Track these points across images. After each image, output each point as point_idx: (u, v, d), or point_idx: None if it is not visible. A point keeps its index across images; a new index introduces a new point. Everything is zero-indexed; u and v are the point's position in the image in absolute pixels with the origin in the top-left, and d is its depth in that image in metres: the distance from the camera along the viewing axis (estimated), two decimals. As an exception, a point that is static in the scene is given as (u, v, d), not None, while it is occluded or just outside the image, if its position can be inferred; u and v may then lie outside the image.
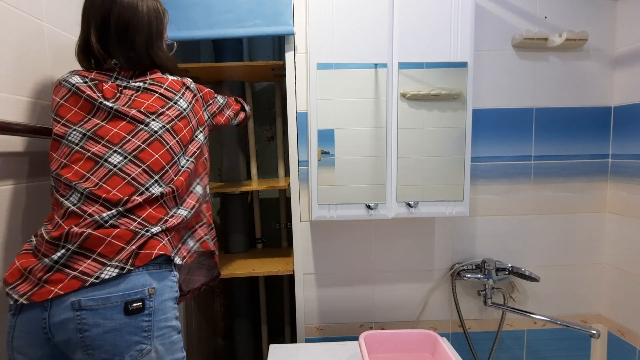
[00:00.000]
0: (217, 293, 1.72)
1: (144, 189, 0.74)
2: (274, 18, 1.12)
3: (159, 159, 0.77)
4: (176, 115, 0.83)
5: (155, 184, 0.76)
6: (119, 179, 0.73)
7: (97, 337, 0.63)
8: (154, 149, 0.77)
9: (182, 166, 0.81)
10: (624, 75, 1.22)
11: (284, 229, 1.58)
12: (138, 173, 0.74)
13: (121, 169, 0.73)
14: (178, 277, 0.77)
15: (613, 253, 1.28)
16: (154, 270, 0.71)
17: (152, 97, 0.81)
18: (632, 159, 1.20)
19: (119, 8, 0.80)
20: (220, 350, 1.74)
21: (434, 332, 1.06)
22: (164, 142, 0.79)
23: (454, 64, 1.09)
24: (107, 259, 0.67)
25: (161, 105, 0.81)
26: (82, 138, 0.75)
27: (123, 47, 0.82)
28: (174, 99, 0.84)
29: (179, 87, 0.86)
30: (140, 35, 0.83)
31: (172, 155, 0.79)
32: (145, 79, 0.84)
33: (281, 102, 1.53)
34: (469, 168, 1.12)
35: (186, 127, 0.84)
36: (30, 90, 0.86)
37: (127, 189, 0.73)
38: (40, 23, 0.90)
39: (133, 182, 0.74)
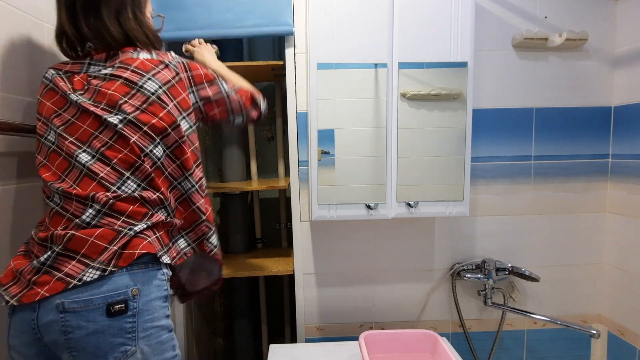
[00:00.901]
0: (217, 293, 1.72)
1: (115, 188, 0.70)
2: (273, 18, 1.12)
3: (128, 154, 0.71)
4: (142, 101, 0.73)
5: (129, 181, 0.71)
6: (89, 180, 0.70)
7: (81, 339, 0.63)
8: (120, 145, 0.71)
9: (158, 158, 0.74)
10: (624, 75, 1.22)
11: (284, 229, 1.58)
12: (107, 172, 0.70)
13: (89, 168, 0.70)
14: (168, 275, 0.74)
15: (613, 253, 1.28)
16: (138, 270, 0.69)
17: (115, 84, 0.73)
18: (632, 159, 1.20)
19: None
20: (220, 350, 1.74)
21: (434, 332, 1.06)
22: (128, 135, 0.71)
23: (454, 64, 1.09)
24: (90, 260, 0.66)
25: (124, 92, 0.73)
26: (55, 136, 0.72)
27: (89, 17, 0.75)
28: (139, 82, 0.74)
29: (150, 67, 0.76)
30: (107, 4, 0.75)
31: (141, 148, 0.72)
32: (114, 62, 0.76)
33: (281, 102, 1.53)
34: (469, 168, 1.12)
35: (159, 113, 0.74)
36: (30, 90, 0.86)
37: (98, 189, 0.69)
38: (40, 23, 0.90)
39: (102, 182, 0.70)
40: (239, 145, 1.48)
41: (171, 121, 0.75)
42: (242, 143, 1.50)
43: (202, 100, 0.83)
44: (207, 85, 0.84)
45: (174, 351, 0.72)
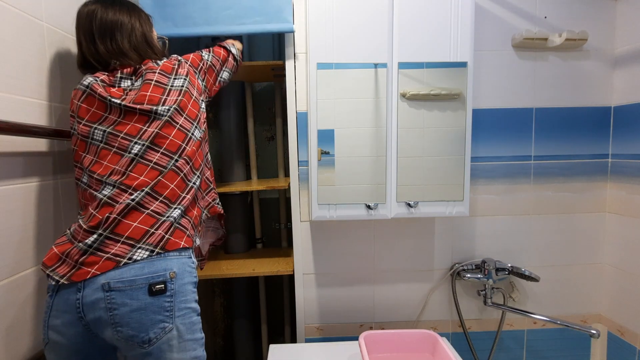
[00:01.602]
0: (217, 293, 1.72)
1: (167, 170, 0.80)
2: (274, 15, 1.12)
3: (174, 140, 0.82)
4: (177, 94, 0.86)
5: (176, 161, 0.82)
6: (142, 166, 0.79)
7: (125, 315, 0.70)
8: (167, 132, 0.82)
9: (197, 138, 0.87)
10: (624, 75, 1.22)
11: (284, 229, 1.57)
12: (159, 157, 0.80)
13: (142, 156, 0.79)
14: (196, 264, 0.83)
15: (613, 253, 1.28)
16: (174, 257, 0.77)
17: (150, 87, 0.84)
18: (632, 159, 1.20)
19: (100, 14, 0.87)
20: (220, 350, 1.74)
21: (434, 332, 1.06)
22: (174, 122, 0.83)
23: (454, 64, 1.09)
24: (135, 241, 0.74)
25: (161, 92, 0.84)
26: (103, 135, 0.81)
27: (107, 42, 0.87)
28: (169, 82, 0.87)
29: (170, 67, 0.89)
30: (122, 36, 0.88)
31: (185, 132, 0.84)
32: (141, 72, 0.87)
33: (281, 102, 1.53)
34: (469, 168, 1.12)
35: (190, 102, 0.88)
36: (29, 90, 0.86)
37: (152, 173, 0.79)
38: (40, 23, 0.90)
39: (156, 166, 0.80)
40: (239, 146, 1.48)
41: (199, 107, 0.91)
42: (242, 143, 1.50)
43: (202, 77, 0.98)
44: (201, 64, 0.98)
45: (201, 333, 0.80)
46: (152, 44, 0.94)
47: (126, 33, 0.89)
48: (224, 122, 1.47)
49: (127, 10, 0.91)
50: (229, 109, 1.46)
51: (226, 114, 1.46)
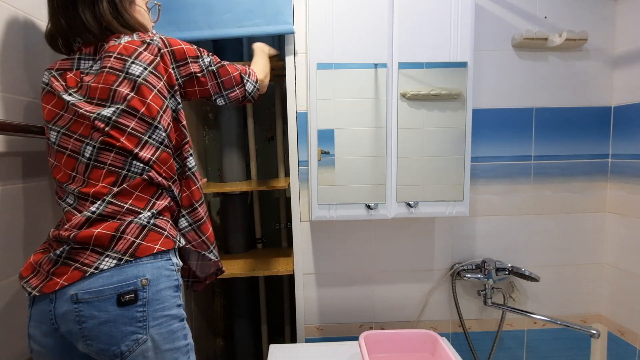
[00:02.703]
0: (217, 293, 1.72)
1: (125, 171, 0.72)
2: (274, 17, 1.12)
3: (125, 143, 0.72)
4: (130, 88, 0.73)
5: (134, 162, 0.73)
6: (98, 170, 0.72)
7: (94, 328, 0.66)
8: (116, 134, 0.72)
9: (158, 142, 0.76)
10: (624, 75, 1.22)
11: (284, 229, 1.58)
12: (112, 158, 0.72)
13: (96, 159, 0.72)
14: (178, 266, 0.76)
15: (613, 253, 1.28)
16: (147, 262, 0.70)
17: (103, 76, 0.73)
18: (632, 159, 1.20)
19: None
20: (220, 350, 1.74)
21: (434, 332, 1.06)
22: (123, 127, 0.72)
23: (454, 64, 1.09)
24: (102, 249, 0.68)
25: (112, 81, 0.73)
26: (57, 136, 0.74)
27: (67, 12, 0.76)
28: (124, 68, 0.73)
29: (132, 49, 0.74)
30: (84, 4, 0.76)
31: (139, 136, 0.73)
32: (101, 53, 0.76)
33: (281, 102, 1.53)
34: (469, 168, 1.12)
35: (149, 96, 0.74)
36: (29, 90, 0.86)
37: (110, 177, 0.72)
38: (40, 23, 0.90)
39: (112, 168, 0.72)
40: (239, 146, 1.48)
41: (163, 103, 0.76)
42: (242, 143, 1.50)
43: (183, 78, 0.83)
44: (189, 61, 0.84)
45: (186, 340, 0.74)
46: (122, 12, 0.78)
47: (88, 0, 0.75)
48: (224, 122, 1.47)
49: None
50: (229, 109, 1.46)
51: (226, 114, 1.46)
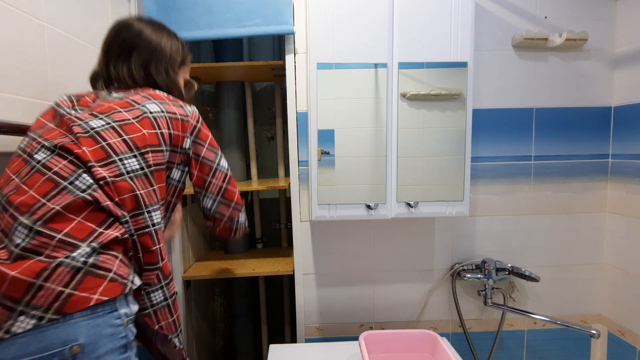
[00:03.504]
0: (217, 293, 1.72)
1: (67, 183, 0.58)
2: (274, 17, 1.12)
3: (85, 152, 0.61)
4: (135, 115, 0.68)
5: (83, 175, 0.59)
6: (38, 176, 0.58)
7: None
8: (84, 143, 0.61)
9: (128, 171, 0.63)
10: (624, 75, 1.22)
11: (284, 229, 1.58)
12: (63, 165, 0.59)
13: (44, 164, 0.59)
14: (128, 316, 0.59)
15: (613, 253, 1.28)
16: (81, 319, 0.52)
17: (120, 101, 0.70)
18: (632, 159, 1.20)
19: (126, 30, 0.79)
20: (220, 350, 1.74)
21: (434, 332, 1.06)
22: (99, 138, 0.63)
23: (454, 64, 1.09)
24: (14, 302, 0.50)
25: (122, 106, 0.68)
26: (25, 141, 0.65)
27: (119, 62, 0.77)
28: (142, 102, 0.70)
29: (161, 97, 0.73)
30: (140, 53, 0.77)
31: (109, 152, 0.62)
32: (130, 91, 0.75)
33: (281, 102, 1.53)
34: (469, 168, 1.12)
35: (146, 129, 0.67)
36: (29, 90, 0.86)
37: (44, 186, 0.57)
38: (40, 23, 0.90)
39: (54, 176, 0.58)
40: (239, 146, 1.48)
41: (157, 142, 0.69)
42: (242, 143, 1.50)
43: (194, 155, 0.78)
44: (206, 147, 0.79)
45: None
46: (171, 77, 0.80)
47: (144, 57, 0.77)
48: (224, 122, 1.47)
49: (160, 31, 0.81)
50: (229, 109, 1.46)
51: (226, 114, 1.46)
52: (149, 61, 0.78)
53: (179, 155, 0.75)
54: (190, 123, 0.76)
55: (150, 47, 0.78)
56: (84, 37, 1.07)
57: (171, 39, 0.82)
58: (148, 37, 0.78)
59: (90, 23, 1.10)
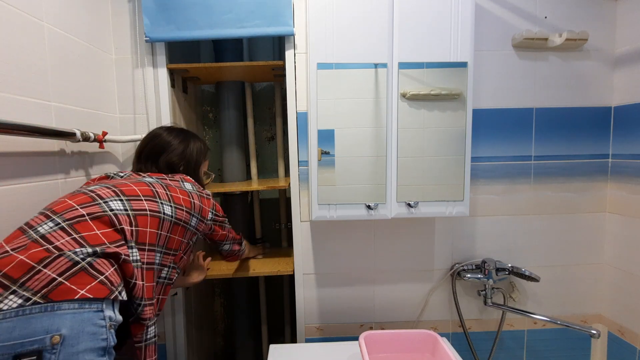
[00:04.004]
0: (217, 293, 1.72)
1: (102, 202, 0.71)
2: (274, 18, 1.12)
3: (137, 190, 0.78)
4: (176, 186, 0.88)
5: (114, 201, 0.73)
6: (82, 194, 0.73)
7: None
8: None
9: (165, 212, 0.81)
10: (624, 75, 1.22)
11: (284, 229, 1.57)
12: (106, 191, 0.75)
13: (93, 189, 0.75)
14: (112, 322, 0.60)
15: (613, 253, 1.28)
16: (67, 311, 0.54)
17: (143, 185, 0.81)
18: (632, 159, 1.20)
19: (158, 140, 0.98)
20: (220, 350, 1.74)
21: (434, 332, 1.06)
22: (152, 188, 0.81)
23: (454, 64, 1.09)
24: (10, 281, 0.53)
25: (144, 193, 0.78)
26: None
27: (148, 164, 0.95)
28: (180, 180, 0.91)
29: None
30: (165, 155, 0.96)
31: (155, 195, 0.81)
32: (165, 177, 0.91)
33: (281, 102, 1.53)
34: (469, 168, 1.12)
35: (182, 196, 0.86)
36: (29, 90, 0.86)
37: (83, 199, 0.71)
38: (40, 23, 0.90)
39: (93, 194, 0.73)
40: (239, 146, 1.48)
41: (189, 207, 0.87)
42: (242, 143, 1.50)
43: (218, 222, 1.01)
44: (221, 216, 1.02)
45: None
46: (197, 175, 1.01)
47: (171, 159, 0.96)
48: (224, 122, 1.47)
49: (185, 136, 1.00)
50: (229, 109, 1.46)
51: (226, 114, 1.46)
52: (175, 164, 0.97)
53: (203, 225, 0.93)
54: (211, 200, 0.97)
55: (174, 149, 0.97)
56: (84, 37, 1.07)
57: (195, 142, 1.02)
58: (175, 146, 0.98)
59: (91, 23, 1.10)
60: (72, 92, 1.01)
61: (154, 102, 1.19)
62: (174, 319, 1.26)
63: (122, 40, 1.20)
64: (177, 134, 1.01)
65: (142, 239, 0.73)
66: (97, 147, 1.07)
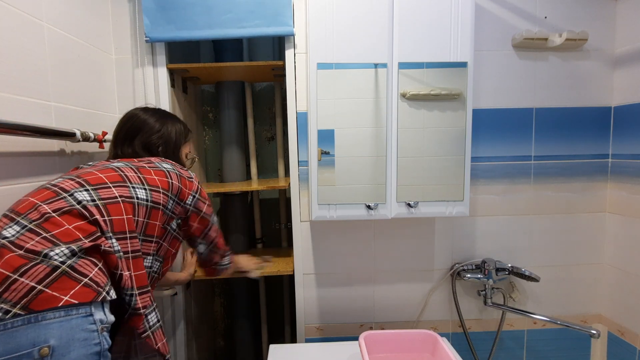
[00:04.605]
0: (217, 293, 1.72)
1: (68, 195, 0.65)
2: (274, 18, 1.12)
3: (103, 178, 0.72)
4: (151, 166, 0.81)
5: (81, 192, 0.67)
6: (44, 189, 0.67)
7: None
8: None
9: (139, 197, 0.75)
10: (624, 75, 1.22)
11: (284, 229, 1.58)
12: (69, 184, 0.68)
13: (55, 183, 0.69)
14: (104, 323, 0.58)
15: (613, 253, 1.28)
16: (53, 320, 0.51)
17: (109, 171, 0.74)
18: (632, 159, 1.20)
19: (133, 120, 0.92)
20: (220, 350, 1.74)
21: (434, 332, 1.06)
22: (120, 171, 0.75)
23: (454, 64, 1.09)
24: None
25: (111, 180, 0.72)
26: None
27: (124, 145, 0.90)
28: (158, 162, 0.84)
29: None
30: (141, 136, 0.90)
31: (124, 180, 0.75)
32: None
33: (281, 102, 1.53)
34: (469, 168, 1.12)
35: (158, 177, 0.80)
36: (29, 90, 0.86)
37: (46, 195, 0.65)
38: (40, 23, 0.90)
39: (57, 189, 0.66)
40: (238, 146, 1.48)
41: (167, 188, 0.80)
42: (242, 143, 1.50)
43: (195, 209, 0.88)
44: (206, 204, 0.91)
45: None
46: (177, 157, 0.95)
47: (145, 140, 0.90)
48: (224, 122, 1.47)
49: (162, 115, 0.95)
50: (229, 109, 1.46)
51: (226, 114, 1.46)
52: (150, 145, 0.91)
53: (180, 208, 0.84)
54: (194, 183, 0.89)
55: (151, 129, 0.91)
56: (84, 37, 1.07)
57: (174, 124, 0.96)
58: (152, 125, 0.92)
59: (90, 23, 1.10)
60: (72, 92, 1.01)
61: (154, 102, 1.19)
62: (174, 319, 1.26)
63: (122, 40, 1.20)
64: (153, 113, 0.94)
65: (119, 227, 0.67)
66: (97, 147, 1.07)
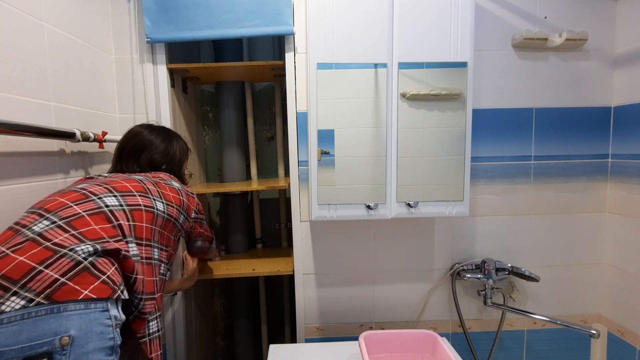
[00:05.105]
0: (217, 293, 1.72)
1: (97, 198, 0.70)
2: (274, 18, 1.12)
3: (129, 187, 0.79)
4: (167, 184, 0.89)
5: (108, 197, 0.73)
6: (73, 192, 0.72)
7: None
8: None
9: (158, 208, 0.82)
10: (624, 75, 1.22)
11: (284, 229, 1.58)
12: (99, 188, 0.75)
13: (84, 187, 0.74)
14: (118, 320, 0.61)
15: (613, 253, 1.28)
16: (74, 311, 0.54)
17: (133, 182, 0.81)
18: (632, 159, 1.20)
19: (139, 138, 0.97)
20: (220, 350, 1.74)
21: (434, 332, 1.06)
22: (144, 185, 0.82)
23: (454, 64, 1.09)
24: (11, 282, 0.52)
25: (136, 189, 0.79)
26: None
27: (129, 162, 0.95)
28: (169, 179, 0.92)
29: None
30: (147, 153, 0.95)
31: (147, 192, 0.81)
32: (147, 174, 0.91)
33: (281, 102, 1.53)
34: (469, 168, 1.12)
35: (172, 193, 0.88)
36: (29, 90, 0.86)
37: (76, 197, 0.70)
38: (40, 23, 0.90)
39: (86, 192, 0.72)
40: (238, 146, 1.48)
41: (179, 204, 0.89)
42: (242, 143, 1.50)
43: (199, 220, 1.03)
44: (203, 215, 1.04)
45: None
46: (180, 175, 1.02)
47: (151, 157, 0.96)
48: (224, 122, 1.47)
49: (167, 135, 1.01)
50: (229, 109, 1.46)
51: (226, 114, 1.46)
52: (155, 162, 0.97)
53: (187, 222, 0.95)
54: (195, 199, 0.98)
55: (154, 148, 0.97)
56: (84, 37, 1.07)
57: (177, 143, 1.03)
58: (157, 144, 0.98)
59: (90, 23, 1.10)
60: (72, 92, 1.01)
61: (153, 102, 1.19)
62: (174, 319, 1.26)
63: (122, 40, 1.20)
64: (158, 133, 1.00)
65: (140, 233, 0.74)
66: (97, 147, 1.07)
